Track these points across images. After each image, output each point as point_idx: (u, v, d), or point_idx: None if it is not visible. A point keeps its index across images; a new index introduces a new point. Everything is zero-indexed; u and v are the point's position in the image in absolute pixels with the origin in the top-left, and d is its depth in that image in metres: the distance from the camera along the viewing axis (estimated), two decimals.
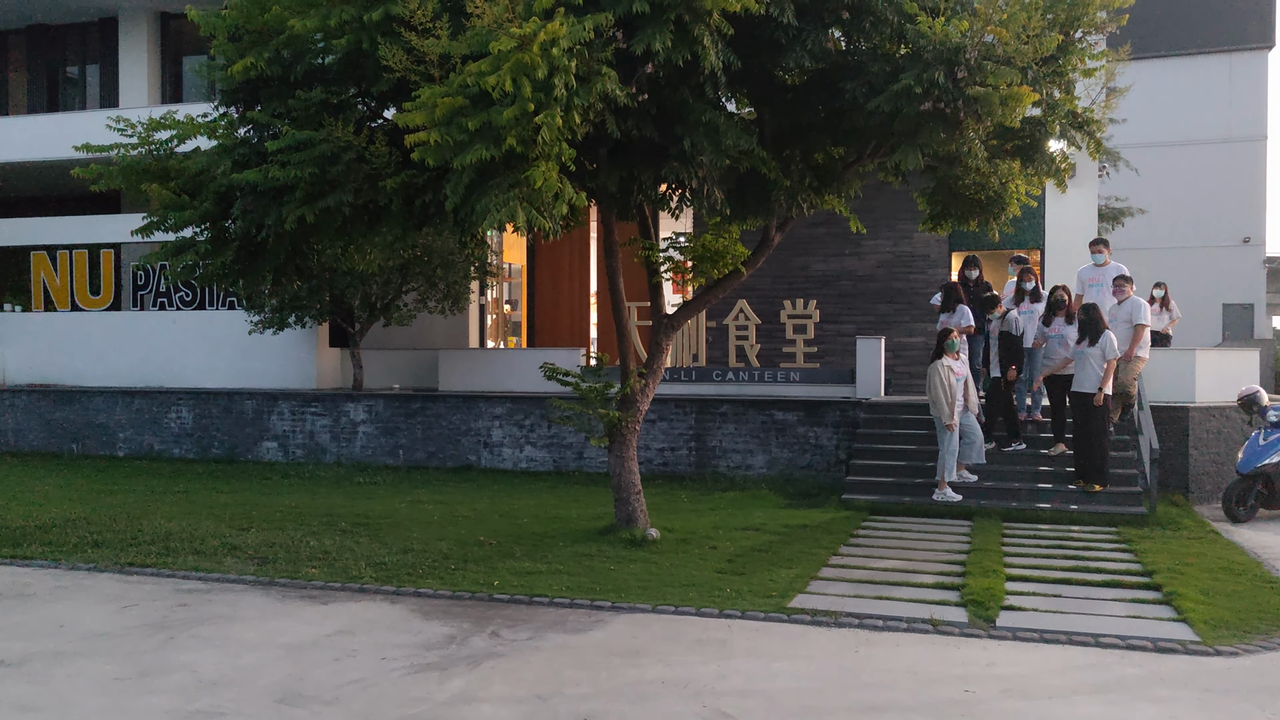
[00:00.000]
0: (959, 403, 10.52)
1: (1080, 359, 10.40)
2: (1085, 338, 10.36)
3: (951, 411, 10.41)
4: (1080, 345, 10.39)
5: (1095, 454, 10.31)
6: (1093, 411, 10.26)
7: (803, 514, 10.32)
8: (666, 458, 13.32)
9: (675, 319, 9.15)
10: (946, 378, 10.46)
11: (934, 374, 10.57)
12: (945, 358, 10.55)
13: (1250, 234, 35.51)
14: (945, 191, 9.61)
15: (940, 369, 10.51)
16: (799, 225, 16.83)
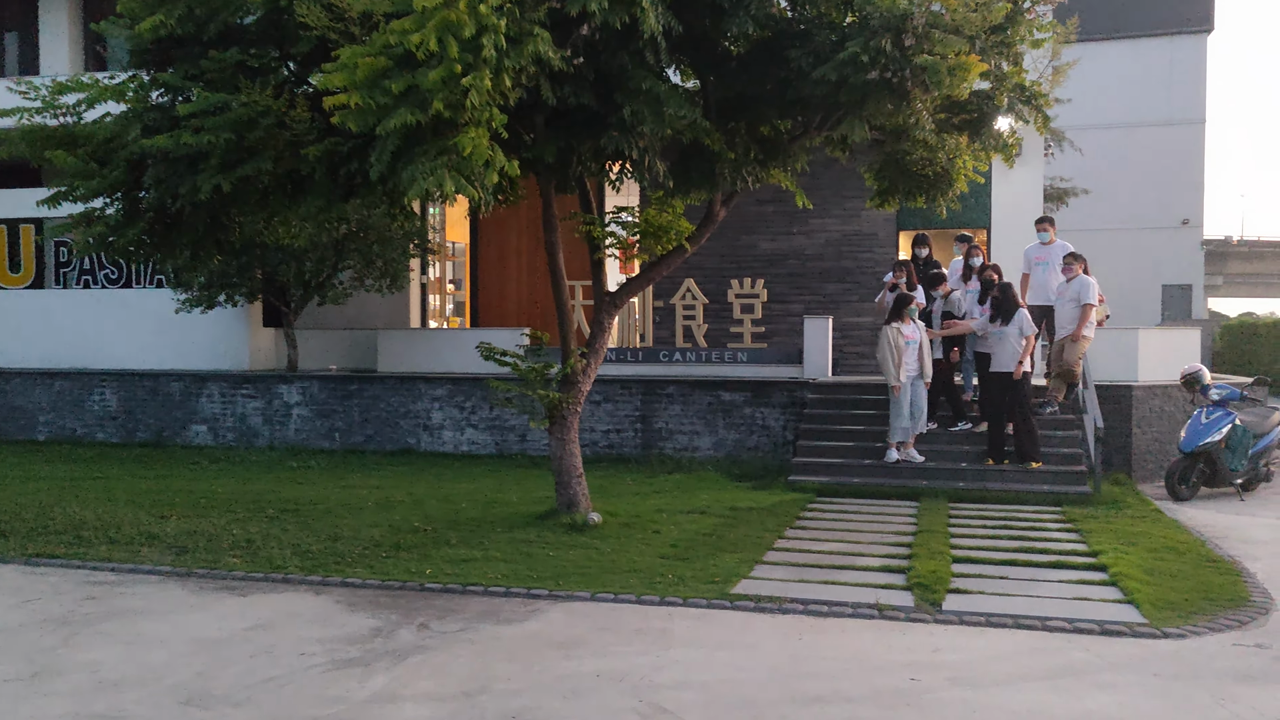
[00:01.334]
0: (911, 369, 10.41)
1: (998, 338, 10.39)
2: (999, 317, 10.34)
3: (898, 374, 10.32)
4: (995, 325, 10.36)
5: (1031, 432, 10.30)
6: (1014, 390, 10.24)
7: (749, 496, 10.13)
8: (612, 440, 13.06)
9: (618, 297, 8.86)
10: (895, 340, 10.38)
11: (883, 336, 10.52)
12: (898, 322, 10.45)
13: (1189, 216, 36.12)
14: (892, 167, 9.43)
15: (889, 331, 10.44)
16: (746, 203, 16.67)
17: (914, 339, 10.51)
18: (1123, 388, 11.64)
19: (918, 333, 10.59)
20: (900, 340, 10.39)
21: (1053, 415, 10.99)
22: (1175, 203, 35.72)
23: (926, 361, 10.60)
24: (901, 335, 10.42)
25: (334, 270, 14.22)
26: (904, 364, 10.39)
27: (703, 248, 16.75)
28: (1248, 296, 59.42)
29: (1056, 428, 10.89)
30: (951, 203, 9.58)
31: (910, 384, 10.47)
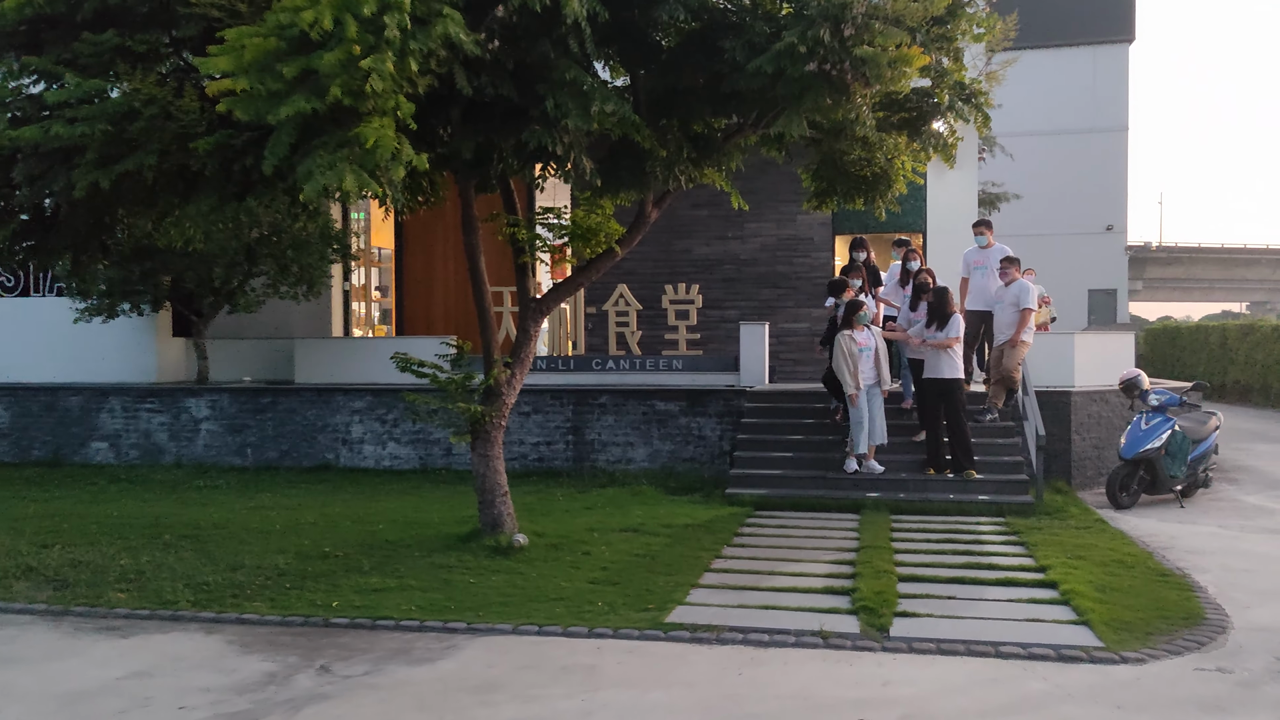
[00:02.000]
0: (867, 376, 10.09)
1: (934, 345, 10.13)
2: (934, 322, 10.10)
3: (854, 381, 9.98)
4: (930, 329, 10.11)
5: (965, 440, 10.06)
6: (949, 397, 10.00)
7: (685, 511, 9.68)
8: (542, 453, 12.51)
9: (544, 303, 8.35)
10: (849, 347, 10.04)
11: (837, 344, 10.17)
12: (850, 329, 10.14)
13: (1113, 222, 36.85)
14: (830, 167, 9.09)
15: (843, 339, 10.10)
16: (680, 207, 16.28)
17: (868, 345, 10.18)
18: (1061, 393, 11.48)
19: (872, 339, 10.25)
20: (854, 347, 10.07)
21: (993, 422, 10.77)
22: (1099, 209, 36.40)
23: (883, 369, 10.26)
24: (855, 342, 10.09)
25: (246, 276, 13.44)
26: (860, 371, 10.06)
27: (636, 253, 16.34)
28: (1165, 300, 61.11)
29: (997, 435, 10.67)
30: (890, 204, 9.28)
31: (867, 392, 10.14)
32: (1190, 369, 28.32)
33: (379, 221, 18.00)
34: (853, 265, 11.75)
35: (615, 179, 7.60)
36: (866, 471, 10.19)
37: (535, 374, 12.88)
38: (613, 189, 7.72)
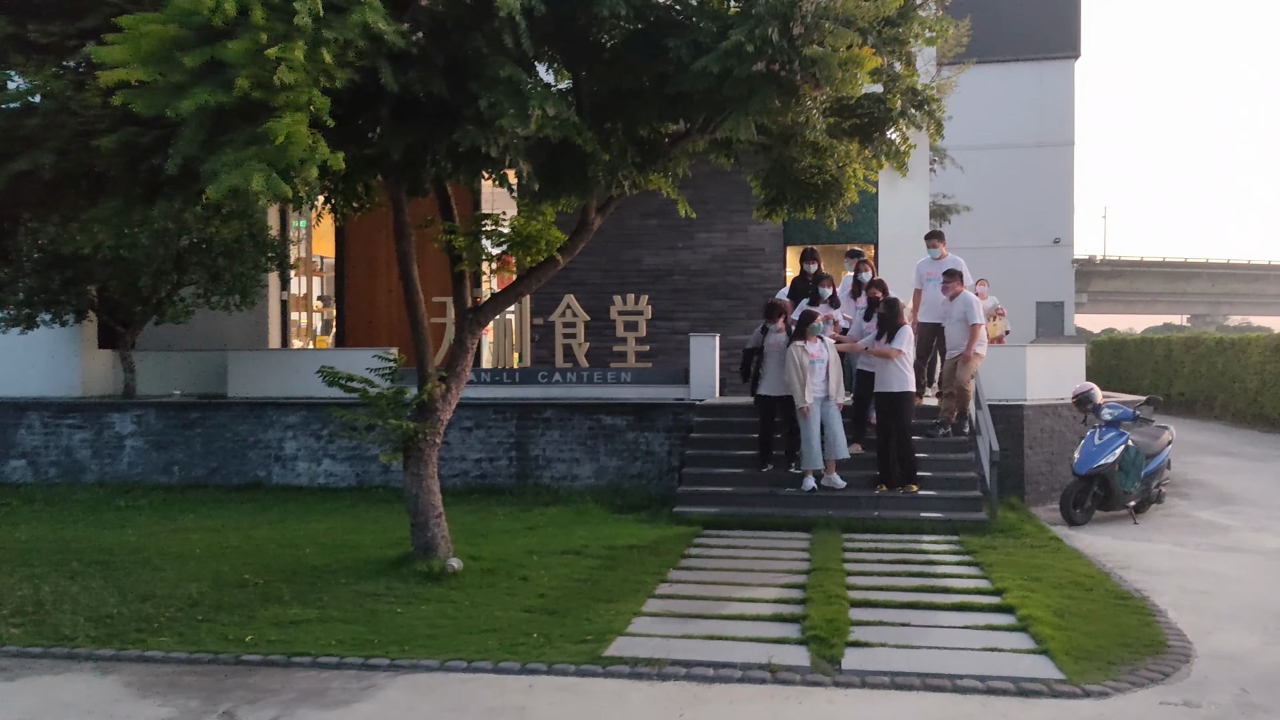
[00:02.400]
0: (818, 389, 9.79)
1: (886, 359, 9.90)
2: (884, 333, 9.88)
3: (804, 394, 9.69)
4: (880, 341, 9.89)
5: (909, 454, 9.83)
6: (898, 411, 9.77)
7: (631, 530, 9.31)
8: (484, 469, 12.07)
9: (482, 314, 7.94)
10: (800, 359, 9.73)
11: (788, 356, 9.86)
12: (802, 340, 9.84)
13: (1060, 235, 37.27)
14: (780, 175, 8.80)
15: (794, 350, 9.80)
16: (629, 216, 15.96)
17: (820, 357, 9.87)
18: (1013, 407, 11.31)
19: (824, 351, 9.93)
20: (805, 359, 9.77)
21: (945, 437, 10.56)
22: (1047, 222, 36.80)
23: (835, 381, 9.95)
24: (806, 354, 9.80)
25: (175, 286, 12.84)
26: (810, 384, 9.76)
27: (584, 263, 16.04)
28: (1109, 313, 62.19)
29: (950, 451, 10.45)
30: (842, 213, 9.02)
31: (819, 405, 9.84)
32: (1135, 381, 28.62)
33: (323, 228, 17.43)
34: (803, 276, 11.50)
35: (556, 184, 7.23)
36: (828, 486, 9.90)
37: (478, 387, 12.46)
38: (553, 194, 7.35)
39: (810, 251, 11.64)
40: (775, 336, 10.29)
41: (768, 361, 10.26)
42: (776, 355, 10.18)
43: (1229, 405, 23.26)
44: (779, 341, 10.23)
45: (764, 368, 10.31)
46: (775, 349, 10.23)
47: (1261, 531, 9.61)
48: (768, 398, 10.28)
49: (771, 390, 10.23)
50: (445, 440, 12.07)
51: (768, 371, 10.26)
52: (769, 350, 10.29)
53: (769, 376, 10.25)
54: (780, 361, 10.12)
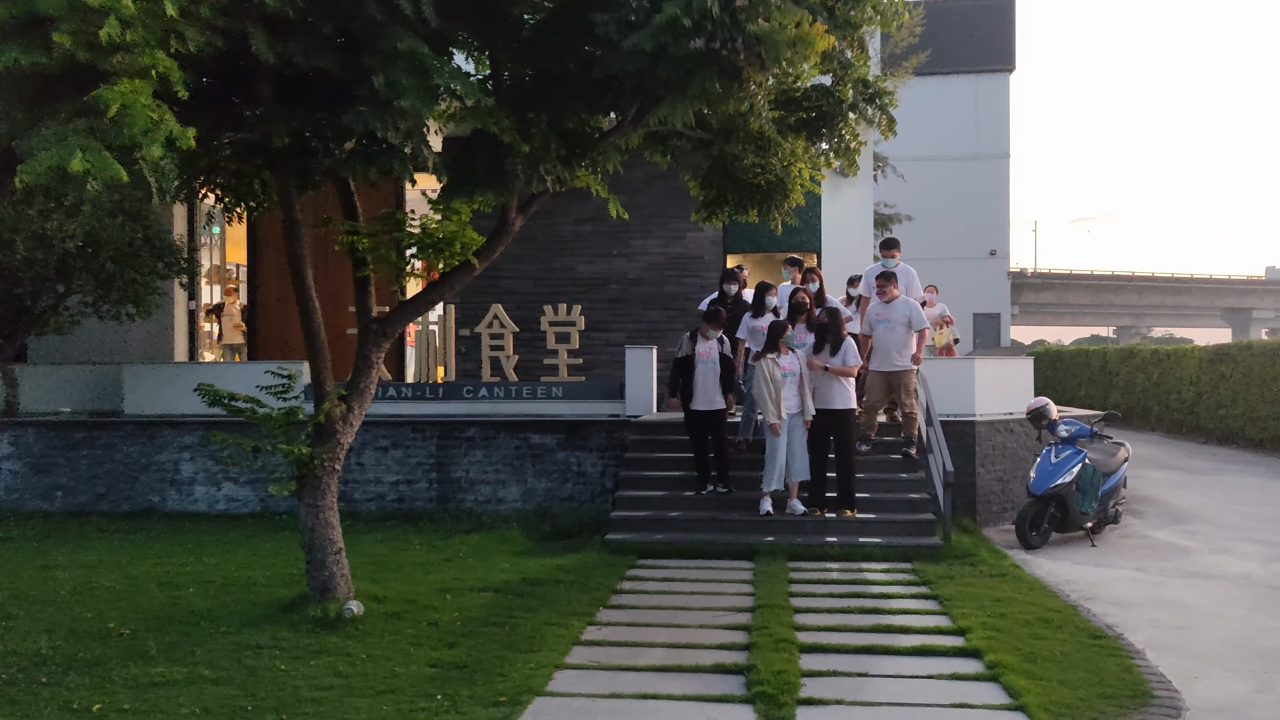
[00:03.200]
0: (790, 404, 9.08)
1: (826, 374, 9.25)
2: (824, 345, 9.27)
3: (777, 410, 8.98)
4: (823, 354, 9.25)
5: (850, 476, 9.20)
6: (843, 429, 9.16)
7: (558, 562, 8.50)
8: (402, 492, 11.14)
9: (388, 325, 7.07)
10: (771, 372, 9.02)
11: (758, 370, 9.14)
12: (774, 353, 9.13)
13: (996, 247, 37.52)
14: (720, 175, 8.09)
15: (765, 364, 9.08)
16: (562, 221, 15.18)
17: (791, 371, 9.15)
18: (964, 423, 10.75)
19: (796, 364, 9.21)
20: (777, 373, 9.06)
21: (866, 455, 9.90)
22: (983, 234, 37.01)
23: (806, 397, 9.22)
24: (778, 367, 9.10)
25: (62, 295, 11.70)
26: (783, 399, 9.05)
27: (514, 271, 15.19)
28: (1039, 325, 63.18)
29: (900, 470, 9.84)
30: (787, 216, 8.34)
31: (789, 422, 9.14)
32: (1071, 393, 28.63)
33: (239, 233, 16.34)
34: (723, 297, 10.81)
35: (469, 177, 6.40)
36: (790, 512, 9.21)
37: (397, 403, 11.56)
38: (465, 189, 6.52)
39: (731, 273, 10.97)
40: (706, 345, 9.57)
41: (699, 373, 9.52)
42: (708, 366, 9.47)
43: (1164, 416, 23.26)
44: (710, 350, 9.52)
45: (695, 380, 9.54)
46: (707, 358, 9.51)
47: (1222, 554, 9.16)
48: (701, 413, 9.55)
49: (705, 404, 9.50)
50: (359, 461, 11.15)
51: (700, 384, 9.52)
52: (700, 360, 9.54)
53: (701, 390, 9.51)
54: (714, 372, 9.43)
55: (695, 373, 9.53)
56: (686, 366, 9.56)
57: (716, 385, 9.49)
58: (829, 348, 9.26)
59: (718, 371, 9.50)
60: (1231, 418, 19.83)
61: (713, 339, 9.55)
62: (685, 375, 9.58)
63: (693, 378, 9.54)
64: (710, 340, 9.55)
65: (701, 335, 9.58)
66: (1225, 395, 20.17)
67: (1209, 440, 20.53)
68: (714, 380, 9.47)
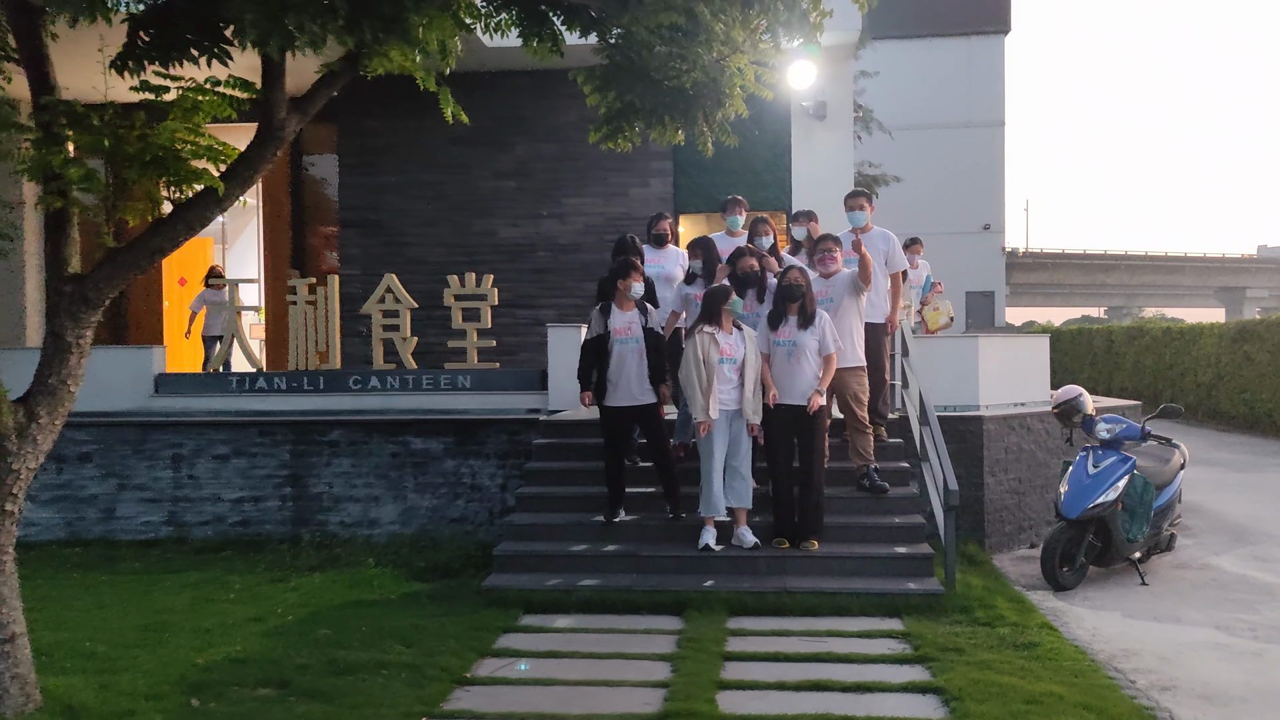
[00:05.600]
0: (728, 399, 6.66)
1: (787, 354, 6.75)
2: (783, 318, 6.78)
3: (707, 404, 6.56)
4: (782, 332, 6.76)
5: (818, 495, 6.79)
6: (814, 432, 6.73)
7: (408, 620, 6.06)
8: (247, 513, 8.69)
9: (91, 286, 4.55)
10: (704, 351, 6.58)
11: (687, 349, 6.71)
12: (712, 325, 6.66)
13: (990, 220, 35.03)
14: (626, 74, 5.64)
15: (698, 340, 6.62)
16: (479, 175, 12.59)
17: (733, 355, 6.67)
18: (967, 420, 8.36)
19: (741, 346, 6.71)
20: (712, 353, 6.62)
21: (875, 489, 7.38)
22: (977, 207, 34.51)
23: (752, 388, 6.67)
24: (716, 345, 6.64)
25: None
26: (715, 390, 6.63)
27: (422, 235, 12.55)
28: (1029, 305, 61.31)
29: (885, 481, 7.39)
30: (723, 134, 5.91)
31: (728, 423, 6.72)
32: (1073, 376, 26.37)
33: None
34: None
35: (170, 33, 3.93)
36: (738, 544, 6.79)
37: (241, 397, 9.13)
38: (176, 49, 4.04)
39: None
40: (624, 317, 7.10)
41: (616, 356, 7.02)
42: (629, 346, 7.00)
43: (1178, 400, 20.95)
44: (630, 325, 7.04)
45: (610, 367, 7.03)
46: (626, 335, 7.02)
47: None
48: (620, 410, 7.06)
49: (626, 398, 7.03)
50: (191, 474, 8.70)
51: (618, 371, 7.00)
52: (617, 339, 7.05)
53: (621, 379, 7.01)
54: (637, 354, 6.96)
55: (611, 357, 7.05)
56: (599, 350, 7.08)
57: (642, 372, 6.98)
58: (796, 322, 6.78)
59: (642, 352, 6.98)
60: (1257, 402, 17.56)
61: (632, 309, 7.08)
62: (599, 361, 7.11)
63: (608, 364, 7.08)
64: (630, 311, 7.08)
65: (616, 304, 7.10)
66: (1250, 377, 17.89)
67: (1230, 427, 18.29)
68: (637, 365, 6.98)
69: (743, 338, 6.72)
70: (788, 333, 6.75)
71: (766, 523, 6.94)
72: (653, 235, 8.12)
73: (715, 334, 6.63)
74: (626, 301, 7.04)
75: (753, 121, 12.10)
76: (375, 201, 12.54)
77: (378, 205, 12.54)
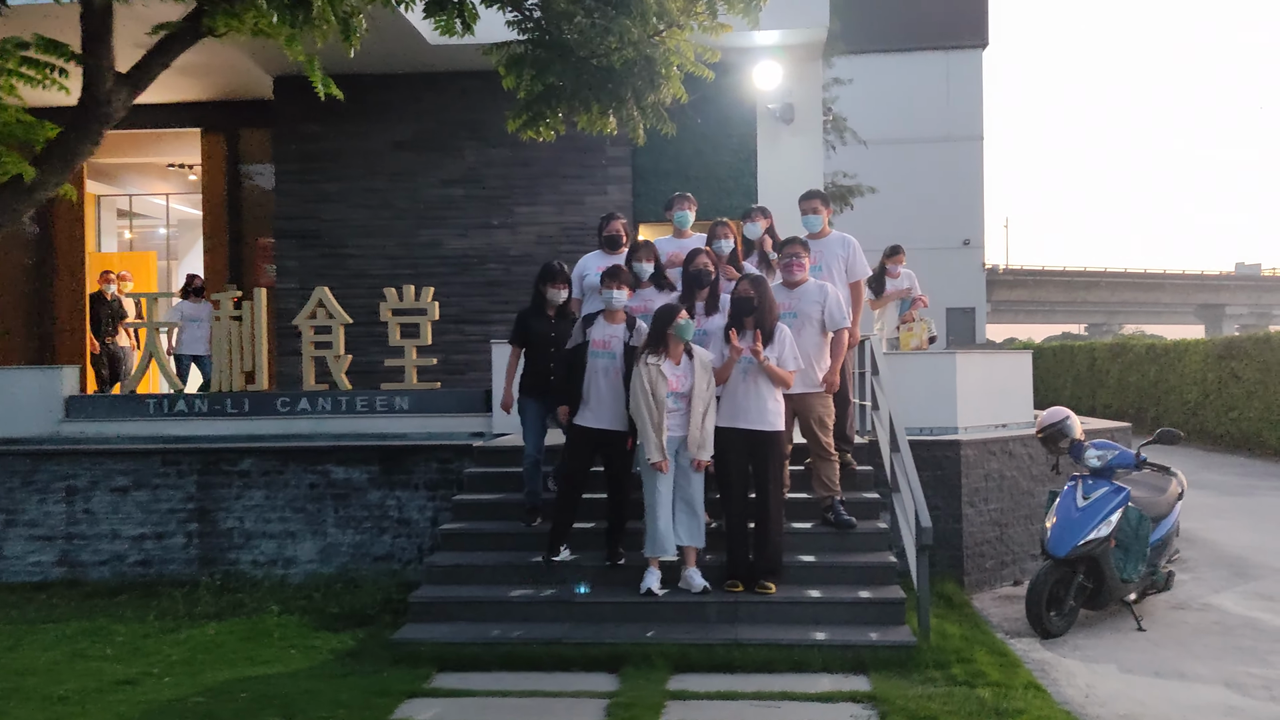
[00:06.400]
0: (676, 429, 5.86)
1: (746, 372, 5.96)
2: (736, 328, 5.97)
3: (660, 440, 5.77)
4: (741, 345, 5.91)
5: (777, 531, 6.03)
6: (769, 462, 5.97)
7: (303, 683, 5.25)
8: (149, 552, 7.84)
9: None
10: (653, 384, 5.80)
11: (634, 379, 5.90)
12: (656, 355, 5.86)
13: (970, 236, 34.56)
14: (544, 52, 4.90)
15: (645, 371, 5.83)
16: (426, 183, 11.71)
17: (680, 388, 5.86)
18: (944, 444, 7.62)
19: (689, 377, 5.89)
20: (660, 386, 5.84)
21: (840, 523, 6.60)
22: (956, 222, 34.05)
23: (701, 418, 5.86)
24: (663, 377, 5.85)
25: None
26: (666, 426, 5.83)
27: (364, 247, 11.74)
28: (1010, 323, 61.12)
29: (852, 512, 6.62)
30: (661, 123, 5.18)
31: (675, 451, 5.91)
32: (1056, 394, 25.79)
33: None
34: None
35: None
36: (686, 588, 5.99)
37: (166, 421, 8.43)
38: None
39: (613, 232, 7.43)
40: (608, 329, 6.30)
41: (591, 371, 6.20)
42: (606, 362, 6.17)
43: (1163, 419, 20.37)
44: (613, 337, 6.25)
45: (586, 382, 6.24)
46: (604, 349, 6.21)
47: None
48: (592, 433, 6.25)
49: (597, 419, 6.21)
50: (87, 509, 7.85)
51: (592, 388, 6.20)
52: (594, 352, 6.23)
53: (594, 396, 6.20)
54: (615, 370, 6.14)
55: (585, 371, 6.24)
56: (577, 363, 6.31)
57: (618, 391, 6.19)
58: (752, 337, 6.01)
59: (620, 370, 6.16)
60: (1245, 421, 16.94)
61: (618, 321, 6.29)
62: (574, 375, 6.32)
63: (584, 377, 6.25)
64: (616, 323, 6.29)
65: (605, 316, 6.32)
66: (1238, 395, 17.27)
67: (1217, 447, 17.65)
68: (612, 383, 6.16)
69: (692, 367, 5.94)
70: (745, 348, 5.98)
71: (719, 561, 6.16)
72: (604, 238, 7.33)
73: (661, 364, 5.85)
74: (613, 313, 6.26)
75: (717, 124, 11.52)
76: (314, 210, 11.75)
77: (317, 214, 11.76)
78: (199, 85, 12.12)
